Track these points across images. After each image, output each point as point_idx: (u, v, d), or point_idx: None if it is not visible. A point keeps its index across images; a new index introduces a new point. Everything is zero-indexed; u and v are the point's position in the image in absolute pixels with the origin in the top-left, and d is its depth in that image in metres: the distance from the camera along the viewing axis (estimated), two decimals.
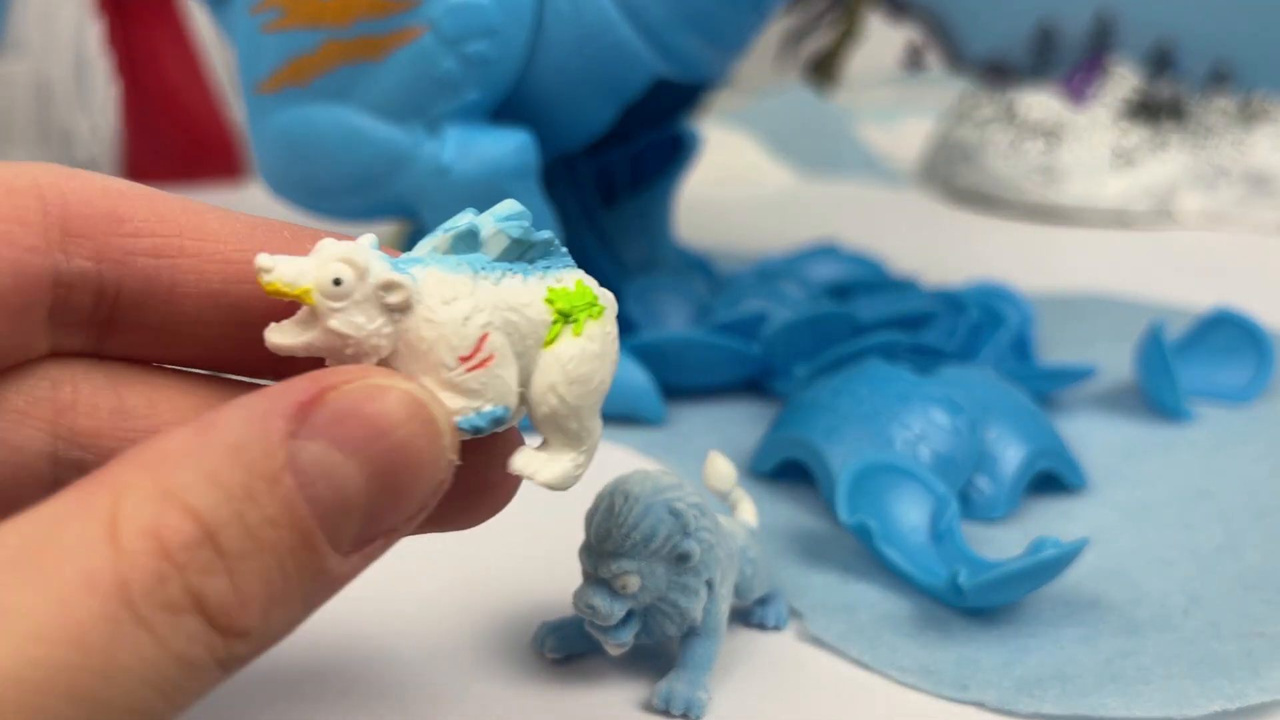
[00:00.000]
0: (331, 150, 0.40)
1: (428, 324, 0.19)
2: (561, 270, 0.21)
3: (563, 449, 0.21)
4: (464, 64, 0.39)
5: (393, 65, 0.39)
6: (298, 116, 0.41)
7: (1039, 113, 0.87)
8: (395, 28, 0.38)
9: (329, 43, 0.39)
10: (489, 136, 0.39)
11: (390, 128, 0.40)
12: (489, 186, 0.39)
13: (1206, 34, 1.12)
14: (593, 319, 0.21)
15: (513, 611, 0.29)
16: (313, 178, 0.42)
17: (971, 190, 0.88)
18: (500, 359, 0.20)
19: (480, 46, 0.38)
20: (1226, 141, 0.84)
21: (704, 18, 0.41)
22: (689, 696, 0.25)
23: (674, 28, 0.40)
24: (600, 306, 0.21)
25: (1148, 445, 0.41)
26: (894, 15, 1.21)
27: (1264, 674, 0.27)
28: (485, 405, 0.20)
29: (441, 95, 0.39)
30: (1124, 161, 0.83)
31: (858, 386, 0.36)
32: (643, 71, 0.41)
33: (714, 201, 0.79)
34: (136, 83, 0.85)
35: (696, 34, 0.41)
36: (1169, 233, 0.82)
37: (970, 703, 0.26)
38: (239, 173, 0.86)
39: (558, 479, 0.21)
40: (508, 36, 0.39)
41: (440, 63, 0.38)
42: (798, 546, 0.33)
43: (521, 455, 0.21)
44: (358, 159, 0.40)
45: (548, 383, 0.21)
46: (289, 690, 0.26)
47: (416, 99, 0.39)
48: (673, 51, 0.41)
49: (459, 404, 0.20)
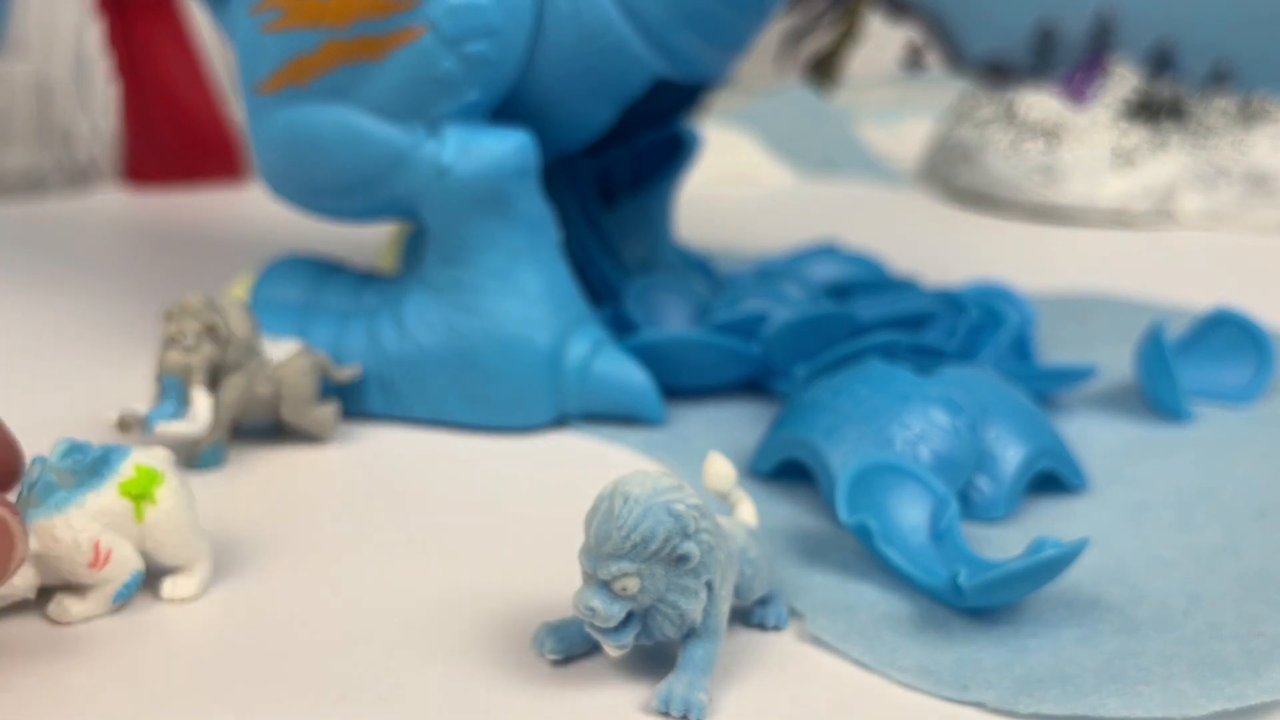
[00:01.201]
0: (331, 150, 0.40)
1: (55, 559, 0.28)
2: (120, 464, 0.29)
3: (192, 569, 0.30)
4: (464, 64, 0.39)
5: (392, 65, 0.39)
6: (297, 116, 0.41)
7: (1039, 113, 0.87)
8: (395, 28, 0.38)
9: (329, 42, 0.39)
10: (489, 137, 0.39)
11: (390, 128, 0.40)
12: (489, 186, 0.39)
13: (1206, 34, 1.12)
14: (158, 486, 0.29)
15: (513, 613, 0.29)
16: (312, 178, 0.42)
17: (971, 190, 0.88)
18: (116, 548, 0.28)
19: (480, 46, 0.38)
20: (1226, 141, 0.84)
21: (704, 17, 0.41)
22: (689, 698, 0.25)
23: (674, 28, 0.40)
24: (159, 474, 0.29)
25: (1148, 446, 0.41)
26: (894, 15, 1.21)
27: (1264, 674, 0.27)
28: (125, 578, 0.29)
29: (441, 95, 0.39)
30: (1124, 161, 0.83)
31: (858, 386, 0.36)
32: (643, 71, 0.41)
33: (714, 201, 0.79)
34: (136, 83, 0.85)
35: (696, 34, 0.41)
36: (1169, 233, 0.82)
37: (970, 703, 0.26)
38: (239, 173, 0.86)
39: (198, 590, 0.30)
40: (508, 37, 0.39)
41: (440, 63, 0.38)
42: (797, 547, 0.33)
43: (166, 585, 0.30)
44: (357, 159, 0.40)
45: (154, 540, 0.29)
46: (289, 692, 0.26)
47: (416, 99, 0.39)
48: (672, 51, 0.41)
49: (110, 588, 0.28)
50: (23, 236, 0.68)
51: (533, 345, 0.40)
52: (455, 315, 0.40)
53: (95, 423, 0.40)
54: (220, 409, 0.37)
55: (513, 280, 0.40)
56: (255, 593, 0.30)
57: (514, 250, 0.40)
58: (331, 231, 0.62)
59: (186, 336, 0.36)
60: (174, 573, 0.30)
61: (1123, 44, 1.15)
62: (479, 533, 0.34)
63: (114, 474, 0.29)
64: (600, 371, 0.41)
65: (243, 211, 0.78)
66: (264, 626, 0.29)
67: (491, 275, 0.40)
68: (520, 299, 0.40)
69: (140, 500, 0.29)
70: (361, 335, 0.42)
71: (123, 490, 0.29)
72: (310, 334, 0.43)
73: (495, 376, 0.40)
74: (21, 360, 0.47)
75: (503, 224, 0.40)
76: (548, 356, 0.40)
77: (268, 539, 0.33)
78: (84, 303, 0.55)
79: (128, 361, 0.47)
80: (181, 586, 0.30)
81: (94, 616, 0.29)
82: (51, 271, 0.61)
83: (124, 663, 0.27)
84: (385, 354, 0.41)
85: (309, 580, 0.31)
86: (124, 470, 0.29)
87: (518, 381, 0.40)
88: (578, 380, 0.41)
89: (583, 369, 0.41)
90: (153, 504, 0.29)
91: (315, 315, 0.43)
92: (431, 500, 0.36)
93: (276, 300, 0.44)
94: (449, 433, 0.40)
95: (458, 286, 0.40)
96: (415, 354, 0.40)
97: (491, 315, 0.40)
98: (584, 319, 0.41)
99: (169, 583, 0.30)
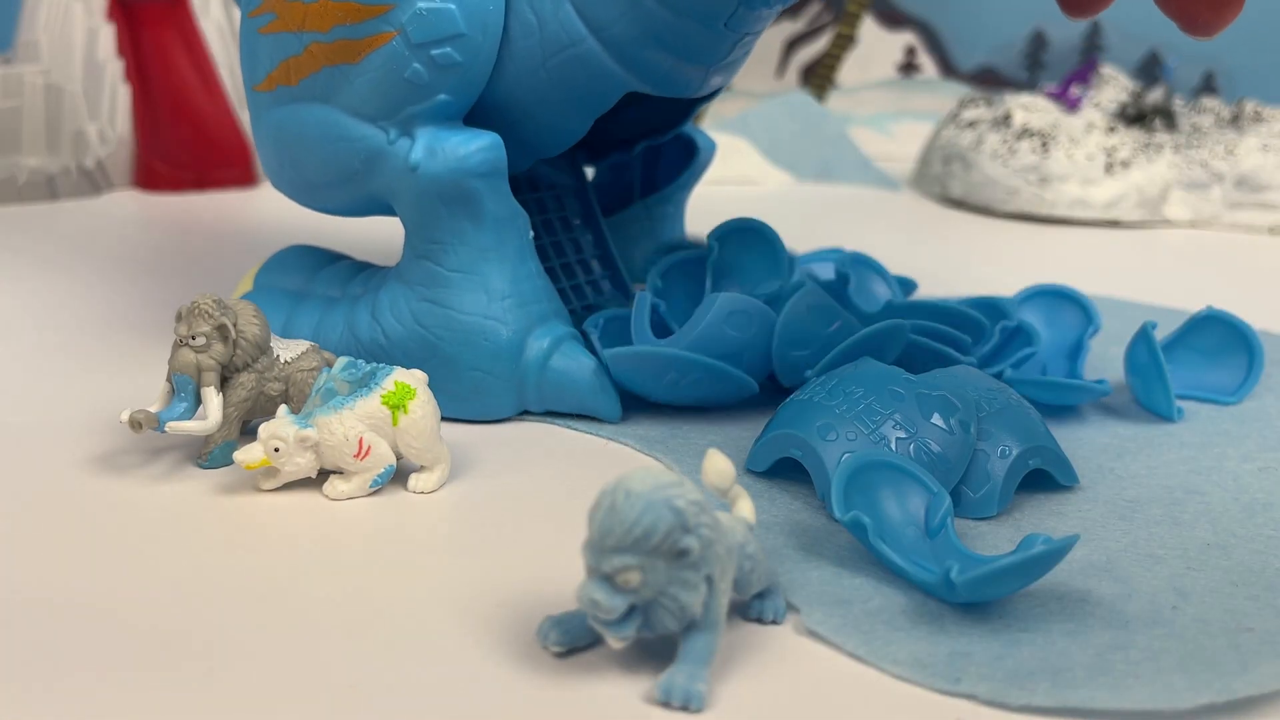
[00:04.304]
0: (316, 147, 0.42)
1: (330, 448, 0.35)
2: (384, 379, 0.36)
3: (433, 469, 0.37)
4: (431, 67, 0.40)
5: (367, 68, 0.40)
6: (288, 114, 0.43)
7: (1032, 117, 0.88)
8: (369, 32, 0.40)
9: (313, 45, 0.41)
10: (457, 137, 0.40)
11: (367, 127, 0.41)
12: (456, 185, 0.40)
13: (1196, 49, 1.13)
14: (411, 400, 0.36)
15: (517, 606, 0.30)
16: (302, 173, 0.43)
17: (965, 193, 0.89)
18: (375, 446, 0.36)
19: (446, 50, 0.39)
20: (1217, 145, 0.85)
21: (671, 34, 0.40)
22: (689, 688, 0.26)
23: (641, 44, 0.40)
24: (413, 390, 0.36)
25: (1138, 444, 0.42)
26: (890, 23, 1.22)
27: (1251, 668, 0.28)
28: (380, 469, 0.36)
29: (411, 96, 0.40)
30: (1116, 165, 0.84)
31: (852, 386, 0.37)
32: (614, 85, 0.41)
33: (714, 203, 0.80)
34: (147, 87, 0.86)
35: (665, 51, 0.41)
36: (1159, 234, 0.82)
37: (962, 695, 0.27)
38: (250, 174, 0.86)
39: (435, 487, 0.37)
40: (474, 42, 0.40)
41: (408, 65, 0.40)
42: (795, 542, 0.33)
43: (411, 479, 0.37)
44: (339, 155, 0.42)
45: (405, 443, 0.36)
46: (296, 681, 0.27)
47: (389, 100, 0.40)
48: (642, 67, 0.41)
49: (369, 475, 0.36)
50: (35, 238, 0.69)
51: (494, 339, 0.41)
52: (422, 308, 0.41)
53: (108, 420, 0.41)
54: (230, 408, 0.37)
55: (479, 276, 0.41)
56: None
57: (481, 247, 0.41)
58: (342, 228, 0.63)
59: (198, 337, 0.36)
60: (418, 470, 0.37)
61: (1113, 57, 1.15)
62: (484, 528, 0.35)
63: (379, 386, 0.36)
64: (557, 367, 0.41)
65: (254, 213, 0.78)
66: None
67: (459, 271, 0.41)
68: (485, 294, 0.41)
69: (397, 409, 0.35)
70: (340, 323, 0.43)
71: (384, 400, 0.36)
72: (297, 319, 0.44)
73: (457, 368, 0.41)
74: (34, 359, 0.48)
75: (471, 222, 0.40)
76: (509, 351, 0.41)
77: (279, 532, 0.34)
78: (96, 303, 0.55)
79: (140, 361, 0.47)
80: (424, 481, 0.36)
81: (355, 496, 0.36)
82: (64, 272, 0.61)
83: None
84: (359, 342, 0.42)
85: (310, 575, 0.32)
86: (386, 384, 0.36)
87: (479, 374, 0.41)
88: (537, 375, 0.41)
89: (541, 364, 0.41)
90: (406, 413, 0.35)
91: (304, 302, 0.45)
92: (436, 494, 0.36)
93: (275, 287, 0.46)
94: (455, 424, 0.41)
95: (426, 280, 0.41)
96: (384, 343, 0.42)
97: (456, 309, 0.41)
98: (549, 316, 0.42)
99: (414, 478, 0.36)
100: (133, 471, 0.37)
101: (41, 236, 0.69)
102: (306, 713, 0.25)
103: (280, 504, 0.35)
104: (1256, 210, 0.84)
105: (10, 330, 0.51)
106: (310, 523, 0.34)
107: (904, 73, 1.22)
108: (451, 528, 0.35)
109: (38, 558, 0.32)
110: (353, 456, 0.35)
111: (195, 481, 0.37)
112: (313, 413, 0.36)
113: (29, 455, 0.38)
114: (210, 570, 0.31)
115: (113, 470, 0.37)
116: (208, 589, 0.30)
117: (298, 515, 0.35)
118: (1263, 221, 0.84)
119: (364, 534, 0.34)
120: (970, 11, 1.20)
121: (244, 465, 0.35)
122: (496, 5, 0.40)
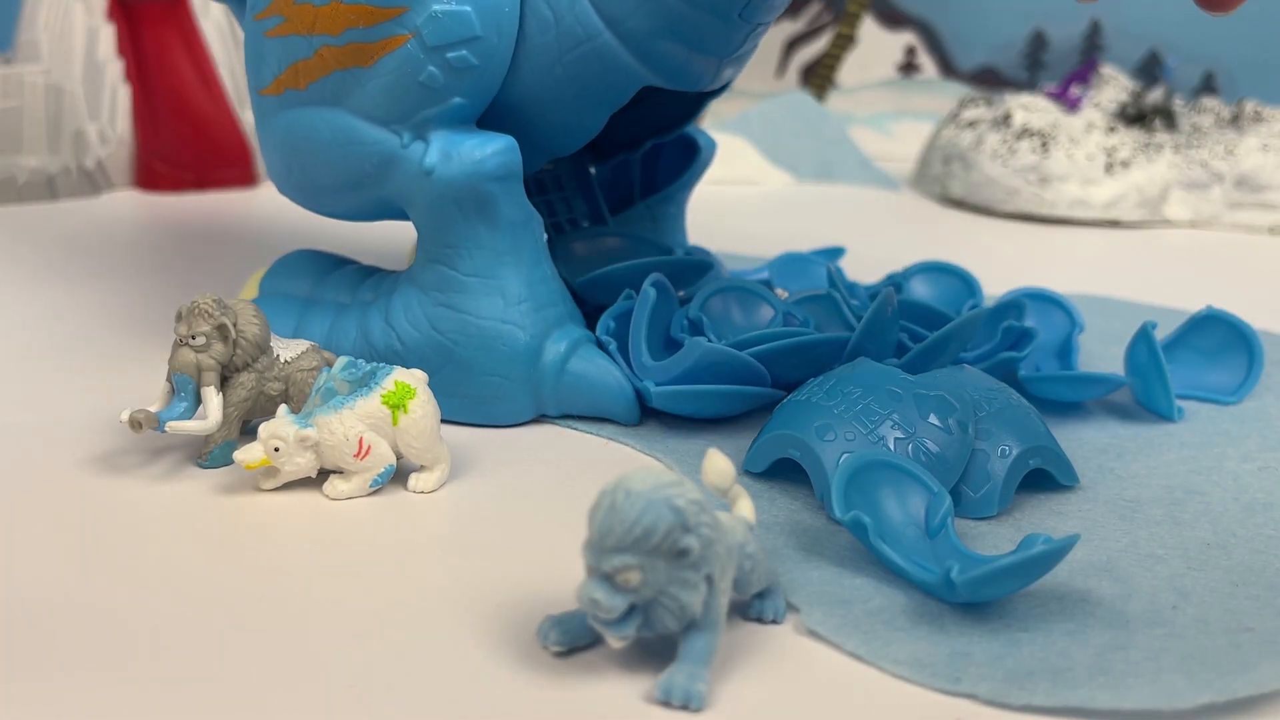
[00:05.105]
0: (326, 151, 0.41)
1: (330, 447, 0.35)
2: (384, 379, 0.36)
3: (433, 469, 0.37)
4: (446, 70, 0.39)
5: (381, 71, 0.40)
6: (297, 118, 0.42)
7: (1032, 117, 0.88)
8: (383, 35, 0.39)
9: (324, 49, 0.40)
10: (472, 140, 0.40)
11: (380, 131, 0.41)
12: (471, 189, 0.40)
13: (1196, 49, 1.13)
14: (411, 399, 0.36)
15: (518, 605, 0.30)
16: (311, 177, 0.43)
17: (965, 193, 0.89)
18: (375, 445, 0.36)
19: (462, 53, 0.39)
20: (1217, 144, 0.85)
21: (687, 26, 0.40)
22: (689, 688, 0.26)
23: (657, 36, 0.40)
24: (413, 389, 0.36)
25: (1138, 444, 0.42)
26: (890, 22, 1.22)
27: (1251, 668, 0.28)
28: (380, 469, 0.36)
29: (426, 100, 0.40)
30: (1116, 165, 0.84)
31: (850, 387, 0.37)
32: (629, 79, 0.41)
33: (714, 203, 0.80)
34: (147, 87, 0.86)
35: (680, 43, 0.41)
36: (1159, 234, 0.82)
37: (963, 695, 0.27)
38: (250, 175, 0.86)
39: (435, 487, 0.37)
40: (489, 44, 0.39)
41: (424, 68, 0.39)
42: (795, 542, 0.34)
43: (411, 479, 0.37)
44: (349, 160, 0.41)
45: (405, 442, 0.36)
46: (296, 681, 0.27)
47: (403, 104, 0.40)
48: (657, 60, 0.41)
49: (368, 475, 0.36)
50: (35, 238, 0.69)
51: (511, 343, 0.40)
52: (438, 313, 0.41)
53: (108, 420, 0.41)
54: (230, 408, 0.37)
55: (495, 280, 0.41)
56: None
57: (497, 251, 0.40)
58: (342, 230, 0.63)
59: (197, 336, 0.36)
60: (418, 470, 0.37)
61: (1114, 58, 1.15)
62: (485, 528, 0.35)
63: (379, 386, 0.36)
64: (576, 370, 0.41)
65: (254, 213, 0.78)
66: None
67: (474, 275, 0.41)
68: (501, 298, 0.41)
69: (397, 409, 0.36)
70: (353, 328, 0.43)
71: (384, 399, 0.36)
72: (308, 325, 0.44)
73: (474, 373, 0.41)
74: (35, 359, 0.48)
75: (486, 225, 0.40)
76: (526, 355, 0.41)
77: (275, 534, 0.34)
78: (95, 303, 0.55)
79: (140, 361, 0.47)
80: (424, 481, 0.36)
81: (354, 496, 0.36)
82: (64, 272, 0.61)
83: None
84: (373, 347, 0.42)
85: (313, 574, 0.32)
86: (386, 384, 0.36)
87: (496, 379, 0.41)
88: (554, 378, 0.41)
89: (559, 368, 0.41)
90: (406, 413, 0.36)
91: (314, 308, 0.44)
92: (436, 494, 0.36)
93: (281, 293, 0.45)
94: (452, 427, 0.41)
95: (442, 285, 0.41)
96: (400, 349, 0.41)
97: (473, 313, 0.41)
98: (565, 319, 0.42)
99: (414, 478, 0.37)
100: (133, 471, 0.37)
101: (41, 236, 0.69)
102: (306, 713, 0.25)
103: (280, 504, 0.35)
104: (1256, 210, 0.84)
105: (10, 330, 0.51)
106: (310, 523, 0.34)
107: (904, 73, 1.22)
108: (451, 528, 0.35)
109: (38, 557, 0.32)
110: (353, 456, 0.35)
111: (195, 481, 0.37)
112: (313, 412, 0.36)
113: (29, 455, 0.38)
114: (210, 570, 0.31)
115: (113, 470, 0.37)
116: (208, 589, 0.30)
117: (298, 515, 0.35)
118: (1263, 221, 0.84)
119: (364, 534, 0.34)
120: (970, 11, 1.20)
121: (244, 465, 0.35)
122: (512, 6, 0.39)
